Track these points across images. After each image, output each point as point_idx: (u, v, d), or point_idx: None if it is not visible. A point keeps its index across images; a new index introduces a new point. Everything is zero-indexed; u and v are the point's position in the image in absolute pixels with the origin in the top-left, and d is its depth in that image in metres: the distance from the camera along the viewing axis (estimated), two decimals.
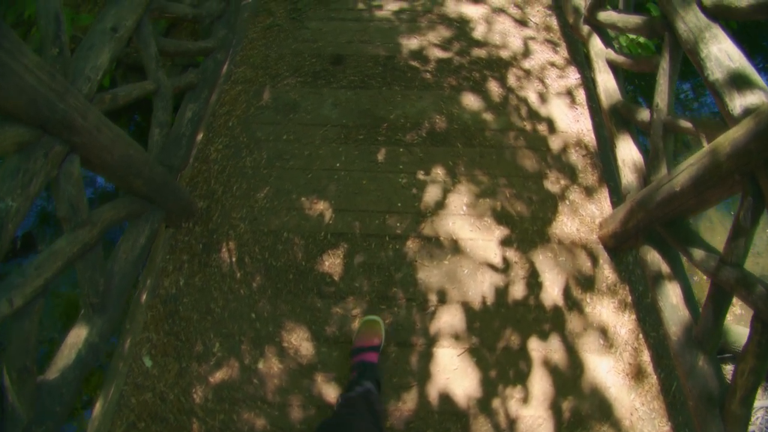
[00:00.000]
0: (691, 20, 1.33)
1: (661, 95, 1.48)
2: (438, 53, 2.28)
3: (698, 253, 1.26)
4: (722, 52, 1.20)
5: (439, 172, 1.85)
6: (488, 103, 2.08)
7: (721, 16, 1.27)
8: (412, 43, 2.33)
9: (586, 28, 2.08)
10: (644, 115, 1.58)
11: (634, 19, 1.68)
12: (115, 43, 1.29)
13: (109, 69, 1.28)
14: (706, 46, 1.24)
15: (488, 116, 2.03)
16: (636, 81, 3.34)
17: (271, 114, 2.06)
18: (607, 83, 1.85)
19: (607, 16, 1.90)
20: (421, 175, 1.84)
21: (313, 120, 2.03)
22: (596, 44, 1.98)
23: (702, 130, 1.30)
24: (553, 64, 2.25)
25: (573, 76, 2.19)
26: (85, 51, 1.21)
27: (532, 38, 2.37)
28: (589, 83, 2.17)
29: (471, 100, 2.09)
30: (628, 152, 1.66)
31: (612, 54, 1.85)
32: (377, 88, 2.14)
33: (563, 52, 2.31)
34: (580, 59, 2.27)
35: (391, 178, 1.84)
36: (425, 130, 1.98)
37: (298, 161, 1.90)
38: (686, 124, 1.37)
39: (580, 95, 2.12)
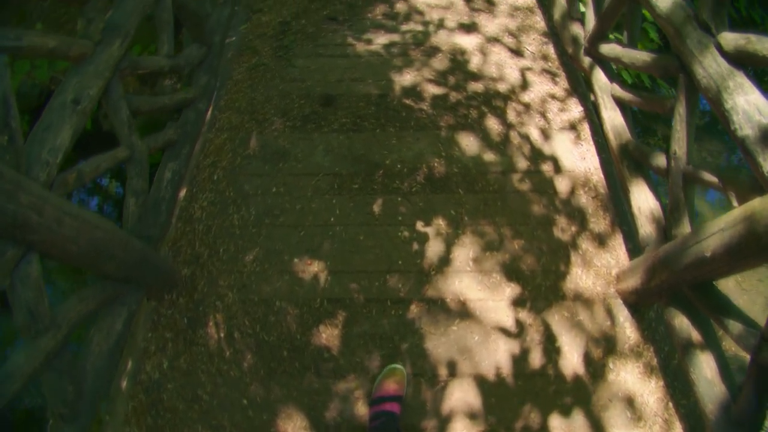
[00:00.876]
0: (710, 65, 1.22)
1: (679, 143, 1.37)
2: (433, 89, 2.17)
3: (735, 326, 1.14)
4: (751, 105, 1.10)
5: (441, 223, 1.73)
6: (488, 142, 1.97)
7: (745, 63, 1.17)
8: (405, 79, 2.22)
9: (587, 60, 1.99)
10: (660, 160, 1.47)
11: (642, 56, 1.58)
12: (78, 117, 1.16)
13: (72, 145, 1.16)
14: (731, 96, 1.13)
15: (489, 157, 1.92)
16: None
17: (259, 164, 1.93)
18: (614, 121, 1.75)
19: (610, 49, 1.81)
20: (421, 228, 1.71)
21: (304, 169, 1.90)
22: (600, 78, 1.88)
23: (730, 187, 1.19)
24: (553, 97, 2.15)
25: (575, 109, 2.09)
26: (41, 132, 1.08)
27: (530, 69, 2.27)
28: (592, 116, 2.07)
29: (470, 140, 1.98)
30: (643, 199, 1.55)
31: (618, 90, 1.75)
32: (371, 130, 2.02)
33: (563, 82, 2.22)
34: (582, 90, 2.17)
35: (390, 232, 1.71)
36: (424, 176, 1.86)
37: (289, 217, 1.77)
38: (710, 177, 1.26)
39: (585, 130, 2.02)
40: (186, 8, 1.77)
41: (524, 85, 2.20)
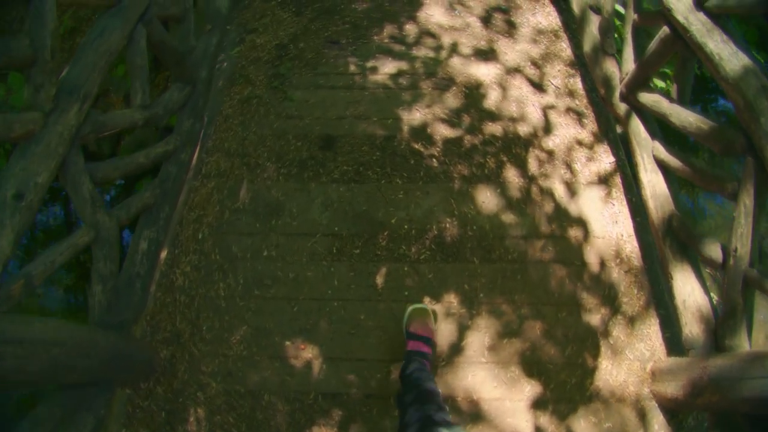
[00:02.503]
0: None
1: (742, 239, 1.16)
2: (445, 131, 1.95)
3: None
4: None
5: (452, 300, 1.54)
6: (507, 199, 1.76)
7: None
8: (414, 117, 2.00)
9: (622, 107, 1.75)
10: (713, 251, 1.26)
11: (696, 121, 1.35)
12: (22, 215, 0.96)
13: (13, 251, 0.97)
14: None
15: (508, 218, 1.71)
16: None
17: (250, 220, 1.73)
18: (655, 188, 1.52)
19: (654, 101, 1.57)
20: (430, 305, 1.52)
21: (299, 228, 1.70)
22: (638, 132, 1.64)
23: None
24: (580, 143, 1.92)
25: (606, 160, 1.86)
26: None
27: (554, 107, 2.03)
28: (625, 168, 1.84)
29: (487, 196, 1.76)
30: (689, 291, 1.34)
31: (662, 151, 1.52)
32: (375, 181, 1.81)
33: (591, 124, 1.98)
34: (613, 136, 1.93)
35: (395, 310, 1.52)
36: (434, 240, 1.66)
37: (282, 288, 1.58)
38: None
39: (616, 185, 1.79)
40: (164, 46, 1.54)
41: (547, 127, 1.96)
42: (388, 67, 2.18)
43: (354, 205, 1.74)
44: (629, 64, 1.73)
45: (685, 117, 1.39)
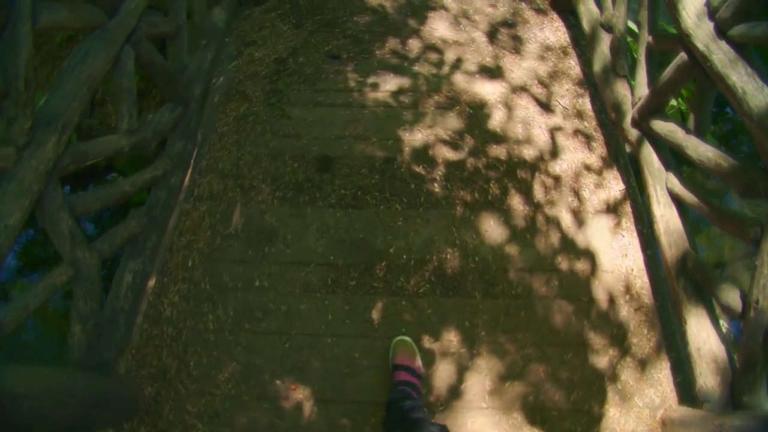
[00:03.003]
0: None
1: (765, 291, 1.07)
2: (447, 153, 1.87)
3: None
4: None
5: (452, 338, 1.46)
6: (511, 228, 1.68)
7: None
8: (415, 138, 1.92)
9: (634, 133, 1.66)
10: (732, 298, 1.17)
11: (715, 156, 1.25)
12: None
13: None
14: None
15: (512, 249, 1.63)
16: None
17: (242, 247, 1.66)
18: (669, 223, 1.44)
19: (668, 131, 1.48)
20: (429, 344, 1.45)
21: (293, 256, 1.63)
22: (651, 161, 1.56)
23: None
24: (588, 168, 1.83)
25: (615, 187, 1.78)
26: None
27: (561, 129, 1.95)
28: (636, 195, 1.75)
29: (490, 225, 1.69)
30: (704, 339, 1.26)
31: (676, 184, 1.44)
32: (373, 206, 1.73)
33: (600, 148, 1.89)
34: (623, 161, 1.85)
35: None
36: (434, 271, 1.58)
37: (273, 321, 1.51)
38: None
39: (626, 215, 1.71)
40: (154, 67, 1.48)
41: (554, 151, 1.88)
42: (389, 84, 2.10)
43: (351, 233, 1.67)
44: (642, 88, 1.65)
45: (702, 151, 1.31)
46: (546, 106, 2.01)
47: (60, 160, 1.10)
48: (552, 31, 2.31)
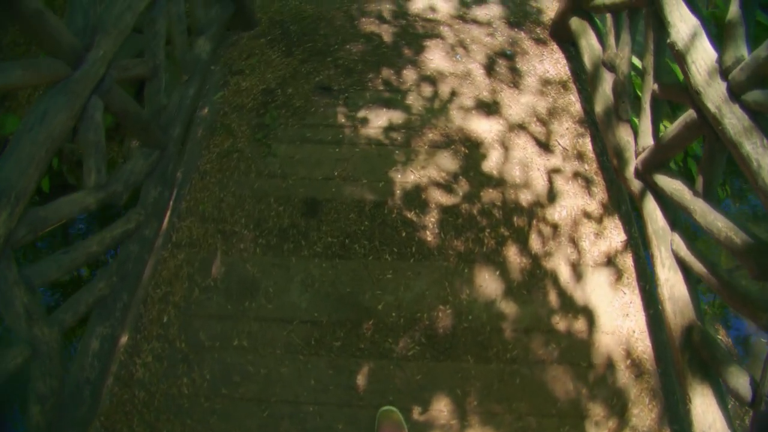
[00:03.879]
0: None
1: None
2: (440, 197, 1.78)
3: None
4: None
5: (442, 408, 1.37)
6: (507, 282, 1.59)
7: None
8: (407, 180, 1.83)
9: (637, 184, 1.58)
10: (741, 382, 1.08)
11: (726, 228, 1.14)
12: None
13: None
14: None
15: (508, 306, 1.54)
16: None
17: (221, 301, 1.57)
18: (674, 289, 1.36)
19: (674, 189, 1.39)
20: (417, 415, 1.35)
21: (275, 312, 1.54)
22: (655, 217, 1.48)
23: None
24: (588, 216, 1.75)
25: (616, 237, 1.70)
26: None
27: (560, 171, 1.86)
28: (638, 249, 1.67)
29: (485, 278, 1.60)
30: (710, 422, 1.16)
31: (683, 248, 1.35)
32: (362, 257, 1.64)
33: (601, 194, 1.81)
34: (625, 209, 1.76)
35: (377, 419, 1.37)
36: (424, 331, 1.49)
37: (252, 386, 1.41)
38: None
39: (627, 270, 1.63)
40: (127, 113, 1.38)
41: (553, 196, 1.79)
42: (381, 119, 2.01)
43: (337, 286, 1.58)
44: (647, 137, 1.57)
45: (712, 220, 1.22)
46: (545, 146, 1.93)
47: (13, 234, 1.01)
48: (552, 64, 2.23)
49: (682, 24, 1.35)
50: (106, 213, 2.42)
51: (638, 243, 1.68)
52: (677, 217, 1.45)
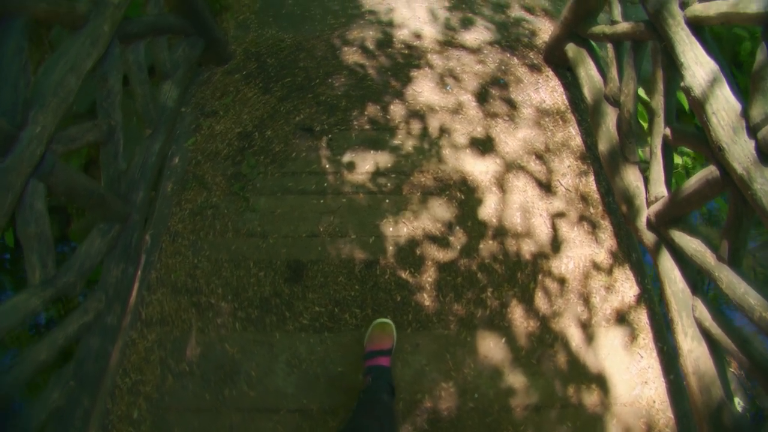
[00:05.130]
0: None
1: None
2: (437, 253, 1.63)
3: None
4: None
5: None
6: (514, 350, 1.45)
7: None
8: (399, 234, 1.68)
9: (651, 237, 1.45)
10: None
11: (760, 306, 1.01)
12: None
13: None
14: None
15: (516, 379, 1.40)
16: None
17: (198, 389, 1.39)
18: (699, 362, 1.22)
19: (695, 249, 1.26)
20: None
21: (258, 401, 1.36)
22: (673, 277, 1.34)
23: None
24: (597, 267, 1.62)
25: (628, 291, 1.57)
26: None
27: (563, 216, 1.73)
28: (653, 303, 1.54)
29: (489, 347, 1.45)
30: None
31: (707, 317, 1.21)
32: (353, 328, 1.48)
33: (609, 240, 1.67)
34: (636, 257, 1.63)
35: None
36: (426, 416, 1.33)
37: None
38: None
39: (643, 329, 1.50)
40: (76, 192, 1.20)
41: (558, 245, 1.66)
42: (368, 164, 1.86)
43: (327, 365, 1.42)
44: (658, 186, 1.44)
45: (742, 293, 1.09)
46: (546, 188, 1.79)
47: None
48: (548, 92, 2.09)
49: (698, 67, 1.22)
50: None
51: (652, 296, 1.55)
52: (699, 279, 1.33)
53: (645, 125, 2.04)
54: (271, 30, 2.33)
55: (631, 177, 1.57)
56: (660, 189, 1.43)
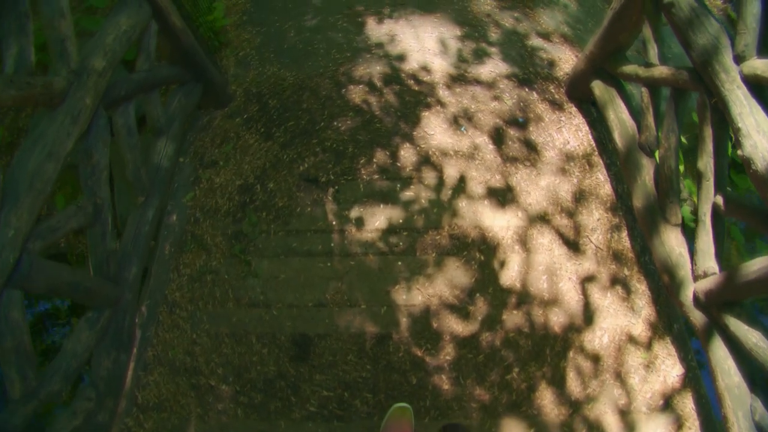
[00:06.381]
0: None
1: None
2: (455, 325, 1.49)
3: None
4: None
5: None
6: None
7: None
8: (413, 302, 1.53)
9: (699, 316, 1.28)
10: None
11: None
12: None
13: None
14: None
15: None
16: None
17: None
18: None
19: (753, 341, 1.08)
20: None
21: None
22: (727, 368, 1.16)
23: None
24: (634, 341, 1.45)
25: (671, 370, 1.40)
26: None
27: (594, 279, 1.56)
28: (699, 385, 1.37)
29: None
30: None
31: None
32: (364, 416, 1.34)
33: (646, 308, 1.51)
34: (678, 328, 1.45)
35: None
36: None
37: None
38: None
39: (688, 416, 1.32)
40: (59, 287, 1.10)
41: (590, 315, 1.50)
42: (378, 219, 1.72)
43: None
44: (707, 259, 1.27)
45: None
46: (574, 246, 1.63)
47: None
48: (572, 132, 1.93)
49: (761, 137, 1.05)
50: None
51: (698, 376, 1.39)
52: (758, 375, 1.17)
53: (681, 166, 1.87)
54: (272, 67, 2.20)
55: (673, 242, 1.41)
56: (709, 263, 1.26)
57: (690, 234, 1.39)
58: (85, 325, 1.21)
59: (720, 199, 1.22)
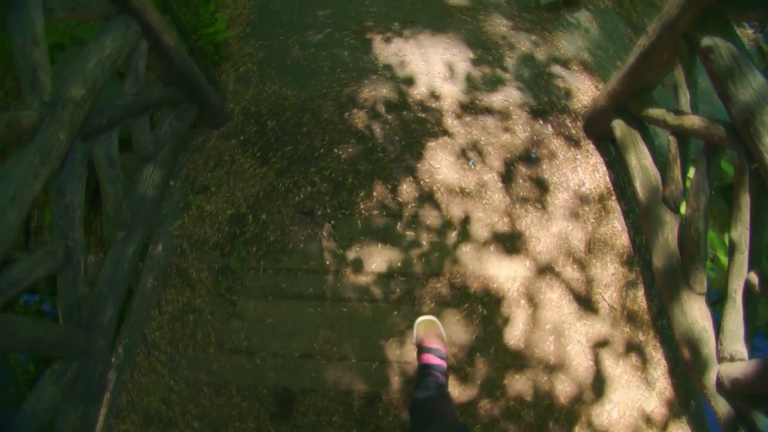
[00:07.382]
0: None
1: None
2: (451, 389, 1.34)
3: None
4: None
5: None
6: None
7: None
8: (407, 358, 1.41)
9: (722, 404, 1.14)
10: None
11: None
12: None
13: None
14: None
15: None
16: None
17: None
18: None
19: None
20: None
21: None
22: None
23: None
24: (646, 418, 1.31)
25: None
26: None
27: (607, 344, 1.43)
28: None
29: None
30: None
31: None
32: None
33: (661, 380, 1.37)
34: (696, 406, 1.34)
35: None
36: None
37: None
38: None
39: None
40: (16, 344, 1.01)
41: (599, 384, 1.37)
42: (375, 261, 1.60)
43: None
44: (735, 341, 1.14)
45: None
46: (586, 303, 1.50)
47: None
48: (588, 172, 1.79)
49: None
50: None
51: None
52: None
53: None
54: (273, 85, 2.08)
55: (697, 313, 1.27)
56: (737, 346, 1.13)
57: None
58: (49, 380, 1.11)
59: (755, 277, 1.09)
